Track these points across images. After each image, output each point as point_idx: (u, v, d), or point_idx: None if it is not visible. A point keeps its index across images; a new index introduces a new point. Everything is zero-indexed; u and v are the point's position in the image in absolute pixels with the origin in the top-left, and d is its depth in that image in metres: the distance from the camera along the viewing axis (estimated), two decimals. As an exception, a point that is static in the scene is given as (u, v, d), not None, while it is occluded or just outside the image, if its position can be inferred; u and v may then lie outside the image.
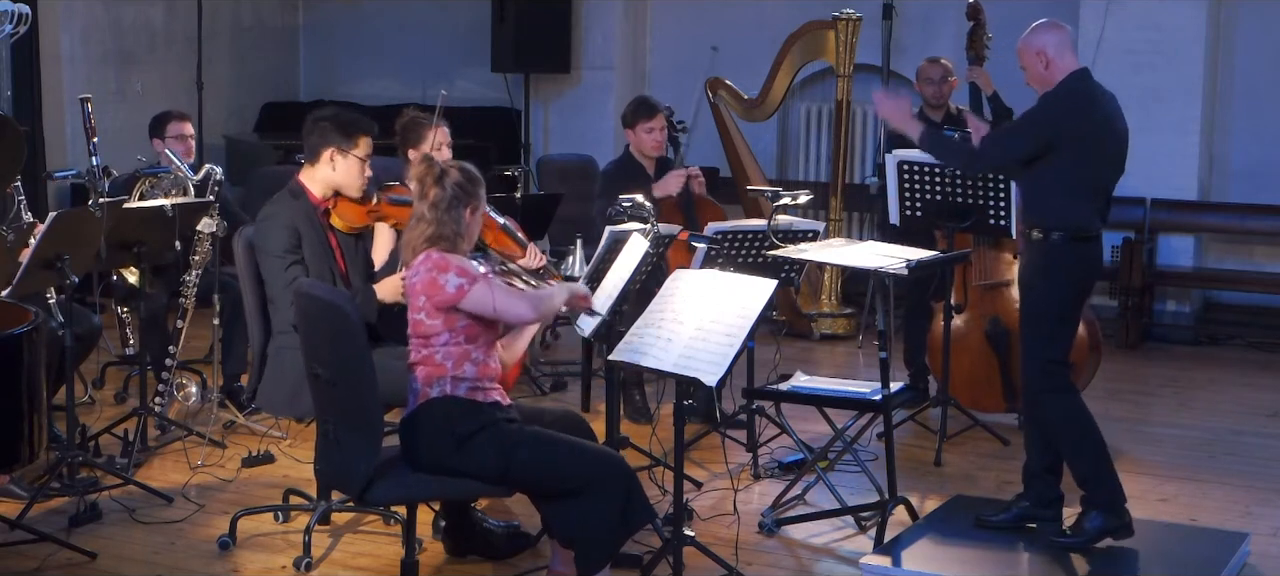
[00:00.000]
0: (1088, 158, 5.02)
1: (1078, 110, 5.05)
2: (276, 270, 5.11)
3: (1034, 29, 5.17)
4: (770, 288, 4.52)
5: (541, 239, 7.67)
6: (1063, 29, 5.18)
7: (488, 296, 4.35)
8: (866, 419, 5.74)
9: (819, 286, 9.01)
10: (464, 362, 4.39)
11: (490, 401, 4.44)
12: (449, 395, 4.38)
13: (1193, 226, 9.14)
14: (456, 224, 4.44)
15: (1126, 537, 5.05)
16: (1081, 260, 5.11)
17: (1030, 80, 5.18)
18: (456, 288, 4.33)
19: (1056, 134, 5.02)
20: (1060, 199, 5.03)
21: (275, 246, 5.11)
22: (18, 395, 4.16)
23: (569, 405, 6.79)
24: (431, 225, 4.43)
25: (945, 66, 7.50)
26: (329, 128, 5.21)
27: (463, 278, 4.34)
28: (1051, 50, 5.09)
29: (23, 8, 6.49)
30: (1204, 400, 7.65)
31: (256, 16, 11.24)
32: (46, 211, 5.71)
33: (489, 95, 10.80)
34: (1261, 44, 9.12)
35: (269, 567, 4.97)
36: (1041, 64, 5.09)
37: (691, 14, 10.53)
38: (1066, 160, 5.00)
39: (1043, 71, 5.10)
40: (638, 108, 7.06)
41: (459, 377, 4.39)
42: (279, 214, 5.17)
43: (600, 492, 4.34)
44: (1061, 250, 5.05)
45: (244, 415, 6.53)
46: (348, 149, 5.19)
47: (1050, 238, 5.05)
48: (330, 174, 5.21)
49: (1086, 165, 5.02)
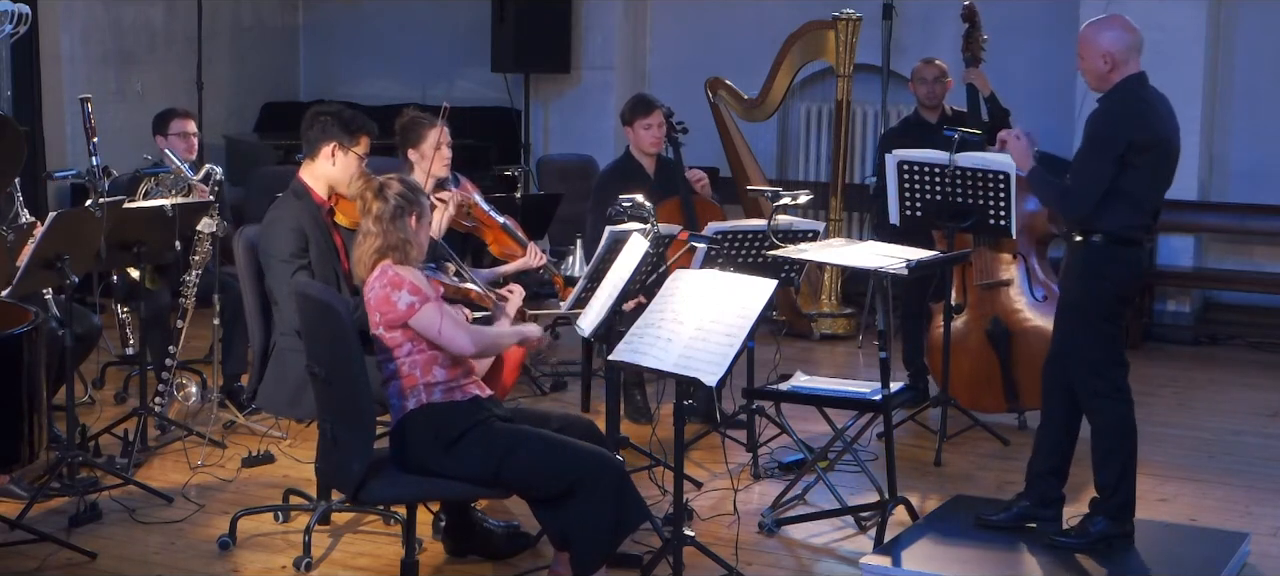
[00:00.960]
0: (1143, 167, 4.92)
1: (1138, 117, 4.92)
2: (282, 275, 5.09)
3: (1101, 25, 5.02)
4: (770, 287, 4.52)
5: (541, 239, 7.67)
6: (1133, 32, 5.01)
7: (435, 320, 4.41)
8: (866, 419, 5.74)
9: (819, 286, 9.01)
10: (433, 366, 4.44)
11: (468, 398, 4.49)
12: (426, 404, 4.43)
13: (1193, 226, 9.14)
14: (402, 232, 4.50)
15: (1127, 545, 5.04)
16: (1123, 263, 5.01)
17: (1087, 75, 5.05)
18: (407, 305, 4.40)
19: (1124, 148, 4.88)
20: (1114, 202, 4.93)
21: (282, 250, 5.09)
22: (18, 395, 4.17)
23: (569, 405, 6.80)
24: (378, 237, 4.50)
25: (940, 67, 7.50)
26: (331, 123, 5.21)
27: (414, 296, 4.41)
28: (1119, 54, 4.95)
29: (23, 8, 6.49)
30: (1204, 400, 7.65)
31: (256, 16, 11.24)
32: (46, 211, 5.71)
33: (489, 95, 10.80)
34: (1261, 44, 9.12)
35: (269, 567, 4.97)
36: (1106, 65, 4.95)
37: (691, 14, 10.53)
38: (1122, 164, 4.90)
39: (1105, 71, 4.96)
40: (635, 105, 7.07)
41: (431, 383, 4.44)
42: (285, 216, 5.15)
43: (592, 493, 4.36)
44: (1101, 253, 4.98)
45: (244, 415, 6.53)
46: (349, 146, 5.19)
47: (1090, 240, 4.99)
48: (330, 169, 5.21)
49: (1140, 174, 4.92)
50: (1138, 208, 4.98)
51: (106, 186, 5.90)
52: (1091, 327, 5.04)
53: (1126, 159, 4.90)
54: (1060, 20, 9.16)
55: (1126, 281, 5.10)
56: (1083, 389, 5.06)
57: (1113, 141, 4.91)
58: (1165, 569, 4.98)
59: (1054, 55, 9.19)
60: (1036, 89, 9.03)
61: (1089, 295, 5.03)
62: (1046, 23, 9.34)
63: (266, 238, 5.16)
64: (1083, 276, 5.04)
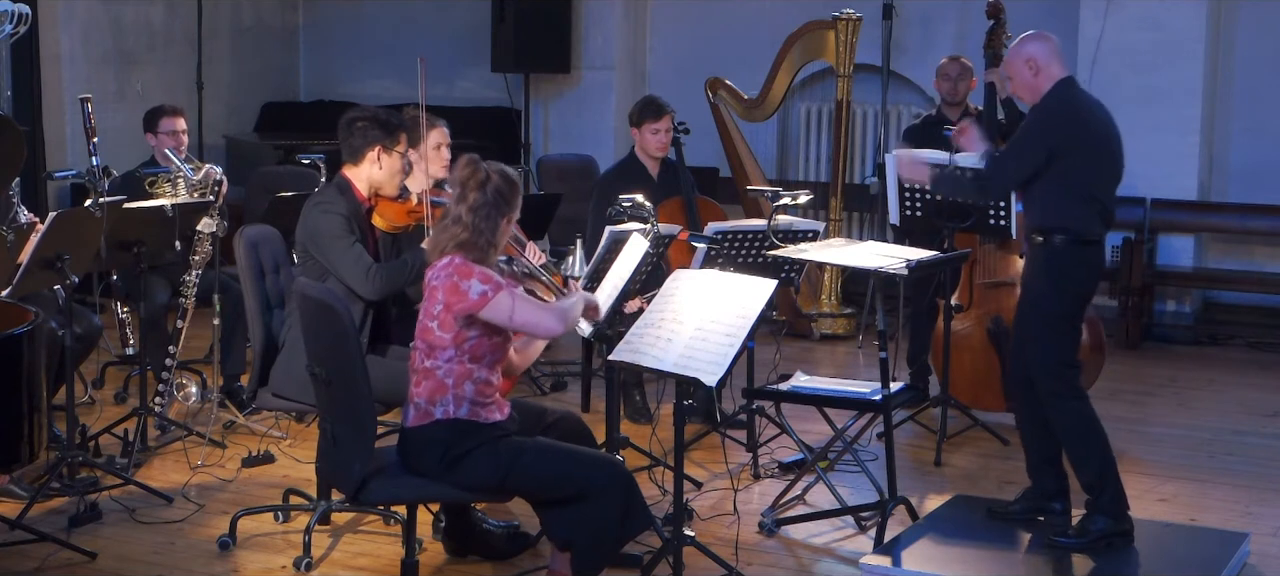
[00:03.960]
0: (1085, 163, 5.04)
1: (1071, 117, 5.08)
2: (343, 249, 5.09)
3: (1021, 40, 5.21)
4: (770, 288, 4.52)
5: (542, 239, 7.68)
6: (1050, 39, 5.20)
7: (507, 307, 4.24)
8: (866, 419, 5.74)
9: (819, 286, 9.01)
10: (465, 381, 4.31)
11: (491, 421, 4.36)
12: (452, 417, 4.31)
13: (1193, 226, 9.14)
14: (492, 232, 4.33)
15: (1127, 544, 5.05)
16: (1084, 263, 5.13)
17: (1016, 89, 5.21)
18: (479, 294, 4.22)
19: (1055, 144, 5.04)
20: (1061, 203, 5.05)
21: (337, 228, 5.11)
22: (18, 395, 4.16)
23: (569, 405, 6.80)
24: (466, 230, 4.31)
25: (965, 64, 7.49)
26: (371, 127, 5.24)
27: (486, 285, 4.24)
28: (1041, 58, 5.11)
29: (23, 8, 6.50)
30: (1204, 400, 7.65)
31: (256, 16, 11.23)
32: (46, 211, 5.71)
33: (489, 95, 10.80)
34: (1261, 44, 9.12)
35: (269, 567, 4.97)
36: (1031, 72, 5.11)
37: (691, 14, 10.52)
38: (1064, 166, 5.02)
39: (1032, 79, 5.12)
40: (645, 107, 7.05)
41: (460, 397, 4.30)
42: (334, 202, 5.19)
43: (600, 498, 4.32)
44: (1064, 254, 5.06)
45: (244, 415, 6.53)
46: (392, 147, 5.24)
47: (1052, 241, 5.06)
48: (376, 172, 5.25)
49: (1085, 170, 5.04)
50: (1093, 204, 5.07)
51: (106, 186, 5.90)
52: (1052, 328, 5.09)
53: (1061, 158, 5.00)
54: (1063, 20, 9.17)
55: (1088, 281, 5.18)
56: (1042, 389, 5.10)
57: (1039, 140, 5.07)
58: (1165, 569, 4.98)
59: (1054, 55, 9.20)
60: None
61: (1051, 295, 5.09)
62: (1046, 23, 9.31)
63: (315, 222, 5.16)
64: (1046, 276, 5.10)
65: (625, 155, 7.28)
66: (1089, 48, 8.89)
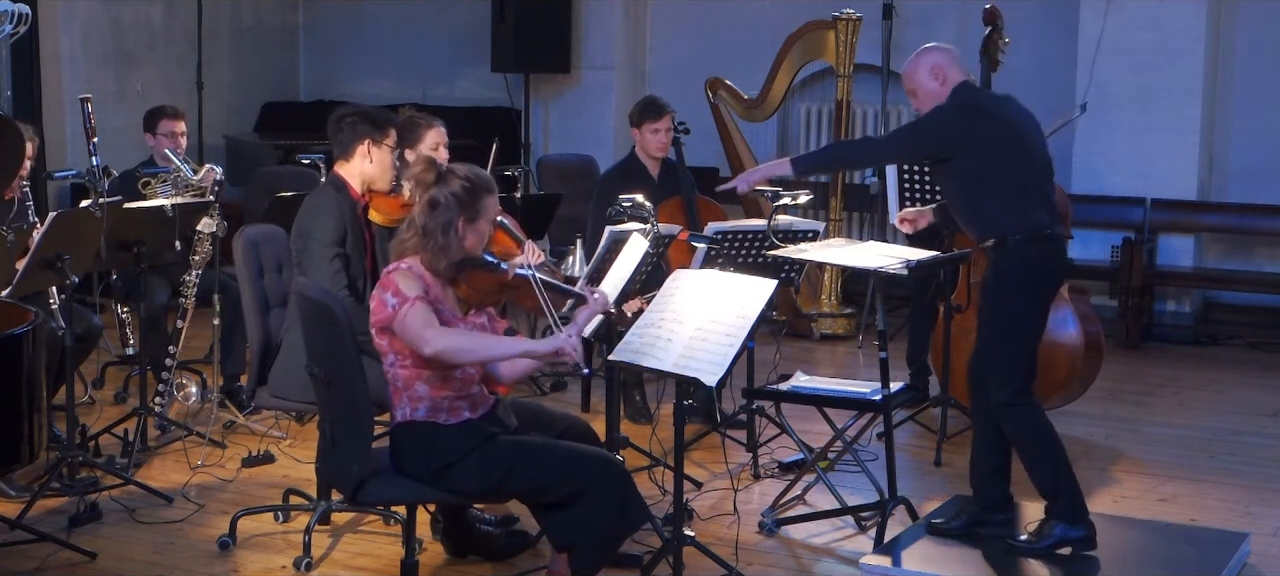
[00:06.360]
0: (1010, 156, 4.97)
1: (977, 110, 5.03)
2: (320, 260, 5.12)
3: (919, 54, 5.14)
4: (770, 287, 4.51)
5: (542, 239, 7.68)
6: (949, 49, 5.15)
7: (414, 323, 4.10)
8: (866, 419, 5.74)
9: (819, 286, 9.01)
10: (416, 383, 4.27)
11: (458, 422, 4.30)
12: (409, 420, 4.29)
13: (1192, 226, 9.13)
14: (446, 234, 4.23)
15: (1089, 550, 4.96)
16: (1043, 259, 5.02)
17: (922, 104, 5.12)
18: (392, 308, 4.17)
19: (955, 138, 4.99)
20: (1000, 204, 4.97)
21: (325, 235, 5.13)
22: (18, 395, 4.16)
23: (569, 405, 6.80)
24: (417, 233, 4.28)
25: None
26: (360, 121, 5.29)
27: (396, 298, 4.17)
28: (946, 65, 5.06)
29: (23, 8, 6.50)
30: (1204, 400, 7.65)
31: (256, 16, 11.24)
32: (47, 211, 5.71)
33: (489, 95, 10.80)
34: (1261, 44, 9.12)
35: (269, 567, 4.97)
36: (937, 81, 5.05)
37: (691, 14, 10.53)
38: (989, 164, 4.96)
39: (939, 88, 5.05)
40: (645, 107, 7.06)
41: (415, 398, 4.28)
42: (329, 206, 5.21)
43: (597, 497, 4.30)
44: (1021, 251, 4.97)
45: (244, 415, 6.53)
46: (381, 140, 5.28)
47: (1008, 242, 4.98)
48: (367, 167, 5.28)
49: (1009, 165, 4.97)
50: (1032, 194, 4.99)
51: (106, 186, 5.90)
52: (1007, 328, 5.02)
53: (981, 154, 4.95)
54: (1063, 20, 9.18)
55: (1045, 279, 5.07)
56: (993, 394, 5.03)
57: (931, 136, 5.08)
58: (1165, 569, 4.98)
59: (1053, 55, 9.20)
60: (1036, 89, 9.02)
61: (1010, 293, 5.01)
62: (1046, 23, 9.35)
63: (308, 222, 5.19)
64: (1003, 275, 5.01)
65: (625, 155, 7.29)
66: (1089, 48, 8.89)
